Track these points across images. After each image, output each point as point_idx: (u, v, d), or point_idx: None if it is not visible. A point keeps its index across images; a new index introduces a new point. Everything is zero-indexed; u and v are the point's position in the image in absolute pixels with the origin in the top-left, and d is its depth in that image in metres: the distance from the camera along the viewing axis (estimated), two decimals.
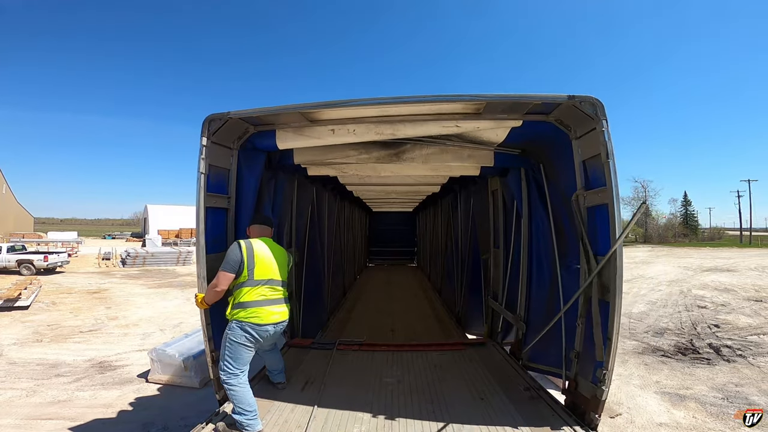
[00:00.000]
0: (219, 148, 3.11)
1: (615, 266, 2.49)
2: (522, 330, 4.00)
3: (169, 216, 53.02)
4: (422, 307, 7.71)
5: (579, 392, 2.89)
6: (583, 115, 2.66)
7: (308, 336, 5.07)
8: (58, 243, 31.91)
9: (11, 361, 6.68)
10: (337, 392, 3.27)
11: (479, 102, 2.86)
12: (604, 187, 2.59)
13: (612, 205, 2.52)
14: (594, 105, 2.53)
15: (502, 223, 4.84)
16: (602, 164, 2.55)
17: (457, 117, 3.11)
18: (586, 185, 2.87)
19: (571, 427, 2.65)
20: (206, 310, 2.90)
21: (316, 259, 5.99)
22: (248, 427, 2.65)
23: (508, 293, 4.57)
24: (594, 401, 2.65)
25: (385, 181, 6.50)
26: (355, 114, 3.15)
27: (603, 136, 2.49)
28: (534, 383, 3.39)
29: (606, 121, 2.50)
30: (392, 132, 3.18)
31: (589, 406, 2.71)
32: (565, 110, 2.83)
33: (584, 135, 2.80)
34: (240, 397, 2.71)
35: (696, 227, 57.92)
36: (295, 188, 4.93)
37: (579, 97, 2.53)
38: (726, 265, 21.78)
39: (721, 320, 9.41)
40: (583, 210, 2.92)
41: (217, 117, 2.90)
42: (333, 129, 3.23)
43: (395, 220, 15.09)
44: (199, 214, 2.89)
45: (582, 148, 2.86)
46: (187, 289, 14.57)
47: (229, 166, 3.27)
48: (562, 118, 2.94)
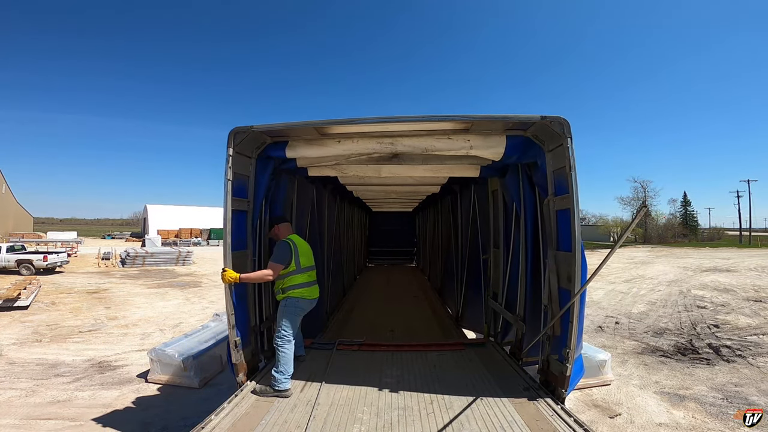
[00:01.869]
0: (240, 157, 3.48)
1: (576, 260, 2.93)
2: (521, 330, 4.03)
3: (168, 216, 53.01)
4: (422, 307, 7.71)
5: (550, 371, 3.29)
6: (554, 132, 3.09)
7: (308, 336, 5.07)
8: (57, 243, 31.91)
9: (10, 361, 6.67)
10: (336, 392, 3.28)
11: (467, 122, 3.28)
12: (568, 194, 3.02)
13: (572, 210, 2.94)
14: (562, 124, 2.96)
15: (502, 223, 4.87)
16: (566, 175, 2.97)
17: (448, 132, 3.54)
18: (555, 192, 3.28)
19: (543, 399, 3.06)
20: (232, 300, 3.33)
21: (316, 259, 5.98)
22: (281, 383, 3.26)
23: (507, 293, 4.60)
24: (561, 378, 3.06)
25: (385, 182, 6.50)
26: (360, 129, 3.54)
27: (568, 151, 2.93)
28: (534, 383, 3.39)
29: (571, 139, 2.92)
30: (391, 144, 3.60)
31: (557, 383, 3.12)
32: (539, 128, 3.25)
33: (554, 149, 3.22)
34: (287, 359, 3.39)
35: (695, 227, 57.97)
36: (296, 189, 4.98)
37: (549, 117, 2.98)
38: (725, 266, 21.81)
39: (720, 320, 9.42)
40: (553, 212, 3.34)
41: (242, 130, 3.30)
42: (339, 140, 3.67)
43: (395, 221, 15.07)
44: (227, 216, 3.30)
45: (552, 160, 3.28)
46: (186, 289, 14.58)
47: (249, 173, 3.67)
48: (537, 134, 3.36)
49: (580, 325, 3.04)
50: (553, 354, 3.27)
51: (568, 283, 3.08)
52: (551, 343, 3.34)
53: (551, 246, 3.36)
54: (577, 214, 2.92)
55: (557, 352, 3.18)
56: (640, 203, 57.48)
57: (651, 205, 56.33)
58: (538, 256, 3.86)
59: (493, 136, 3.53)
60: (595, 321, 9.56)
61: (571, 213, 2.97)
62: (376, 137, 3.61)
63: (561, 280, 3.19)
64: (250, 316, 3.77)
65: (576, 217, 2.93)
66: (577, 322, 2.97)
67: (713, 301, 11.76)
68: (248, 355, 3.58)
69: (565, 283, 3.14)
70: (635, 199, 57.99)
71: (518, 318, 4.11)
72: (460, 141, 3.56)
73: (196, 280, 17.06)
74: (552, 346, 3.33)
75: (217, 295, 13.23)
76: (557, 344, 3.22)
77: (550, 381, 3.28)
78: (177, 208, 56.77)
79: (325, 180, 6.02)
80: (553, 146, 3.24)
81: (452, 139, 3.54)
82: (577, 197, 2.90)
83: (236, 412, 2.95)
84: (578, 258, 2.93)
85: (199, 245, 42.45)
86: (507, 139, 3.52)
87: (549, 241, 3.39)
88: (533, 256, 3.96)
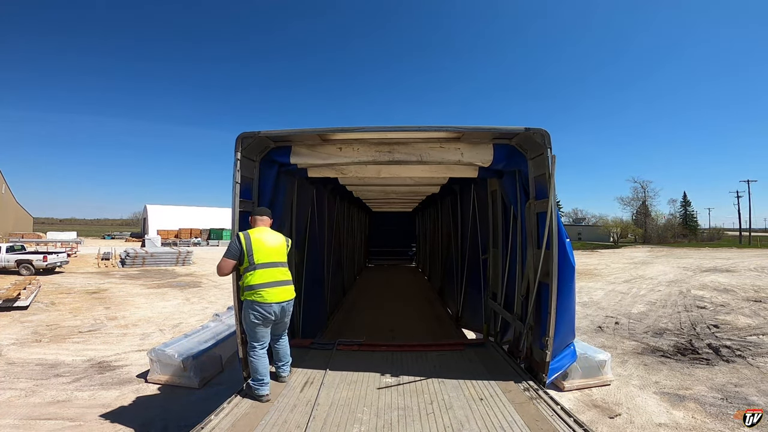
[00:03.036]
0: (246, 161, 3.63)
1: (553, 256, 3.24)
2: (519, 329, 4.07)
3: (168, 216, 53.03)
4: (422, 307, 7.71)
5: (533, 358, 3.64)
6: (535, 143, 3.41)
7: (308, 336, 5.08)
8: (57, 243, 31.90)
9: (10, 361, 6.67)
10: (336, 393, 3.28)
11: (458, 132, 3.57)
12: (546, 199, 3.32)
13: (549, 213, 3.23)
14: (543, 136, 3.27)
15: (501, 223, 4.91)
16: (546, 181, 3.29)
17: (441, 141, 3.81)
18: (536, 196, 3.58)
19: (526, 382, 3.41)
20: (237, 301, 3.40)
21: (315, 260, 5.99)
22: (256, 390, 3.20)
23: (506, 293, 4.65)
24: (542, 364, 3.41)
25: (385, 182, 6.52)
26: (360, 136, 3.75)
27: (547, 160, 3.24)
28: (533, 384, 3.39)
29: (550, 149, 3.24)
30: (389, 152, 3.84)
31: (539, 368, 3.47)
32: (523, 138, 3.56)
33: (536, 157, 3.54)
34: (254, 366, 3.24)
35: (695, 228, 58.01)
36: (296, 189, 5.00)
37: (532, 129, 3.29)
38: (725, 266, 21.82)
39: (720, 320, 9.42)
40: (533, 215, 3.66)
41: (249, 135, 3.48)
42: (340, 147, 3.87)
43: (395, 221, 15.07)
44: (234, 216, 3.47)
45: (534, 168, 3.59)
46: (186, 289, 14.57)
47: (253, 176, 3.84)
48: (521, 143, 3.68)
49: (563, 316, 3.35)
50: (535, 343, 3.61)
51: (546, 278, 3.39)
52: (533, 333, 3.68)
53: (532, 244, 3.70)
54: (553, 217, 3.21)
55: (538, 341, 3.53)
56: (639, 203, 57.55)
57: (651, 206, 56.45)
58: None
59: (481, 144, 3.82)
60: (595, 321, 9.56)
61: (548, 216, 3.24)
62: (374, 144, 3.83)
63: (541, 275, 3.45)
64: None
65: (552, 220, 3.21)
66: (555, 313, 3.28)
67: (713, 302, 11.77)
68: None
69: (544, 278, 3.43)
70: (635, 200, 58.05)
71: (516, 317, 4.18)
72: (451, 149, 3.83)
73: (196, 280, 17.05)
74: (534, 335, 3.66)
75: (217, 296, 13.23)
76: (538, 334, 3.56)
77: (533, 367, 3.61)
78: (177, 208, 56.77)
79: (325, 180, 6.03)
80: (534, 155, 3.56)
81: (444, 148, 3.83)
82: (554, 202, 3.22)
83: (236, 412, 2.95)
84: (555, 255, 3.24)
85: (199, 245, 42.46)
86: (494, 147, 3.81)
87: (530, 240, 3.74)
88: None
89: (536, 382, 3.37)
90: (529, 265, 3.71)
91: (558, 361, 3.50)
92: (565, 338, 3.56)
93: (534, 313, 3.64)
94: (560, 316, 3.31)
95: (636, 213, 58.76)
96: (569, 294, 3.40)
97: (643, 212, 56.81)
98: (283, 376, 3.56)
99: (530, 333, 3.71)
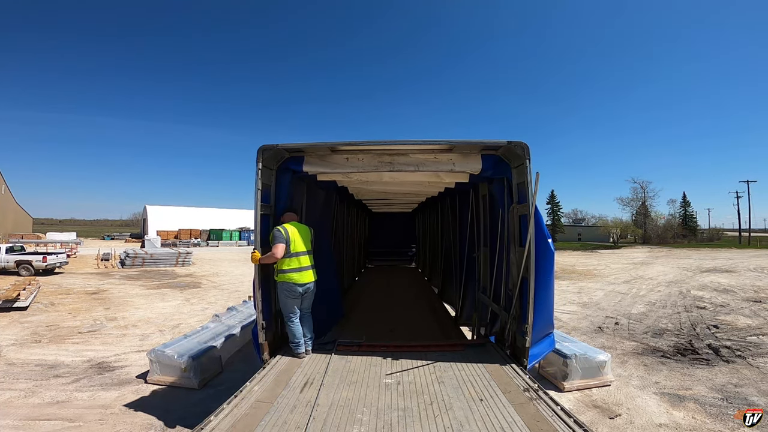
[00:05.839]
0: (265, 170, 4.09)
1: (531, 254, 3.67)
2: (505, 319, 4.45)
3: (168, 217, 53.06)
4: (421, 307, 7.71)
5: (516, 345, 4.09)
6: (516, 154, 3.88)
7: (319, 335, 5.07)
8: (56, 244, 31.94)
9: (10, 361, 6.66)
10: (336, 393, 3.27)
11: (450, 145, 4.07)
12: (526, 203, 3.78)
13: (529, 215, 3.66)
14: (523, 148, 3.75)
15: (489, 224, 5.31)
16: (526, 188, 3.75)
17: (435, 152, 4.28)
18: (519, 200, 4.05)
19: (510, 365, 3.82)
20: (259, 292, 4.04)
21: (321, 258, 6.01)
22: (295, 350, 4.18)
23: (494, 287, 5.10)
24: (522, 350, 3.85)
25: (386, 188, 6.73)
26: (365, 148, 4.22)
27: (527, 170, 3.71)
28: (533, 384, 3.39)
29: (529, 160, 3.71)
30: (390, 161, 4.34)
31: (520, 353, 3.92)
32: (506, 149, 4.00)
33: (518, 166, 3.97)
34: (291, 332, 4.20)
35: (695, 228, 58.01)
36: (305, 193, 5.30)
37: (514, 142, 3.81)
38: (725, 266, 21.84)
39: (720, 321, 9.43)
40: (516, 217, 4.14)
41: (268, 147, 4.02)
42: (347, 157, 4.36)
43: (395, 222, 15.06)
44: (257, 219, 4.08)
45: (516, 175, 4.04)
46: (186, 290, 14.56)
47: (271, 183, 4.33)
48: (505, 154, 4.13)
49: (542, 307, 3.78)
50: (518, 331, 4.03)
51: (526, 273, 3.82)
52: (517, 323, 4.09)
53: (514, 243, 4.21)
54: (531, 219, 3.62)
55: (520, 329, 3.93)
56: (639, 204, 57.57)
57: (650, 206, 56.48)
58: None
59: (471, 155, 4.26)
60: (594, 322, 9.56)
61: (528, 218, 3.66)
62: (377, 155, 4.30)
63: (523, 271, 3.86)
64: (272, 304, 4.40)
65: (532, 222, 3.62)
66: (533, 304, 3.69)
67: (713, 302, 11.77)
68: (270, 336, 4.23)
69: (526, 273, 3.84)
70: (635, 200, 58.12)
71: (502, 309, 4.61)
72: (444, 160, 4.29)
73: (196, 281, 17.05)
74: (517, 325, 4.08)
75: (216, 296, 13.23)
76: (520, 323, 3.96)
77: (515, 353, 4.08)
78: (176, 209, 56.79)
79: (329, 183, 6.08)
80: (516, 164, 3.99)
81: (438, 159, 4.29)
82: (533, 206, 3.62)
83: (236, 413, 2.95)
84: (533, 253, 3.69)
85: (199, 246, 42.45)
86: (482, 158, 4.25)
87: (513, 239, 4.25)
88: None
89: (518, 365, 3.79)
90: (513, 262, 4.21)
91: (537, 347, 3.95)
92: (544, 328, 4.02)
93: (517, 304, 4.07)
94: (539, 307, 3.73)
95: (636, 213, 58.84)
96: (547, 288, 3.82)
97: (642, 213, 56.87)
98: (306, 351, 4.26)
99: (514, 322, 4.13)
